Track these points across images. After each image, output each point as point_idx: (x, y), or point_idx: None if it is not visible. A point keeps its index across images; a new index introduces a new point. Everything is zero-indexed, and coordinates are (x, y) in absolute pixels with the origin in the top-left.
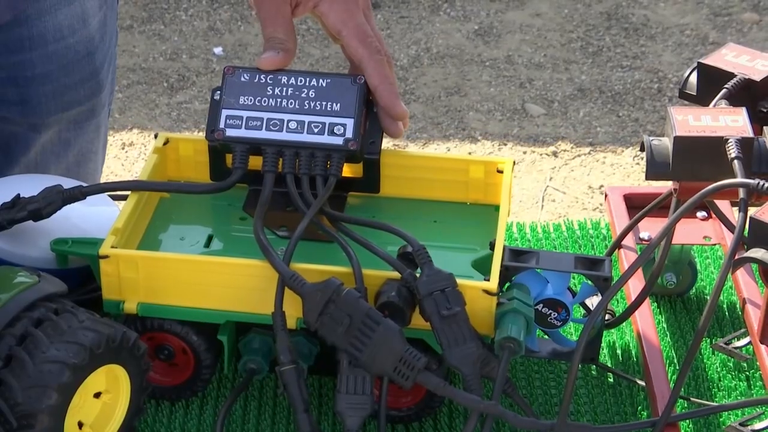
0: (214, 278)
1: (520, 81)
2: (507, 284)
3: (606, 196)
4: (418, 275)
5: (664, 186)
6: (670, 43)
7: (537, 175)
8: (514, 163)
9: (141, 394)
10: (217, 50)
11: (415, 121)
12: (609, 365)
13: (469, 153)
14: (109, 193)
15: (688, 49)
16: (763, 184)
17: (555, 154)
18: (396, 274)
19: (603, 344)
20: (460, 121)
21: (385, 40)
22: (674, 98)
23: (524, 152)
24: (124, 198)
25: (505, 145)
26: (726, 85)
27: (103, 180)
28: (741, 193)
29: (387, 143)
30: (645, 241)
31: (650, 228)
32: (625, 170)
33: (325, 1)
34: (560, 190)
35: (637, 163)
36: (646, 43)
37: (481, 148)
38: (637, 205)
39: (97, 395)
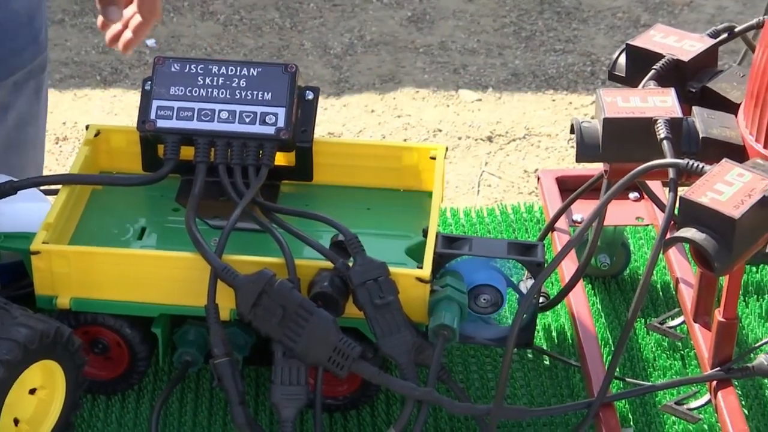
0: (147, 272)
1: (454, 67)
2: (441, 271)
3: (539, 179)
4: (351, 264)
5: (598, 168)
6: (602, 26)
7: (473, 161)
8: (446, 149)
9: (77, 388)
10: (150, 42)
11: (349, 108)
12: (545, 348)
13: (405, 140)
14: (41, 187)
15: (620, 31)
16: (693, 164)
17: (490, 139)
18: (329, 264)
19: (538, 327)
20: (394, 108)
21: (319, 28)
22: (607, 81)
23: (459, 138)
24: (56, 192)
25: (441, 131)
26: (655, 66)
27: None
28: (671, 173)
29: (322, 131)
30: (578, 223)
31: (583, 210)
32: (560, 153)
33: None
34: (496, 175)
35: (572, 146)
36: (578, 26)
37: (416, 134)
38: (569, 187)
39: (33, 391)
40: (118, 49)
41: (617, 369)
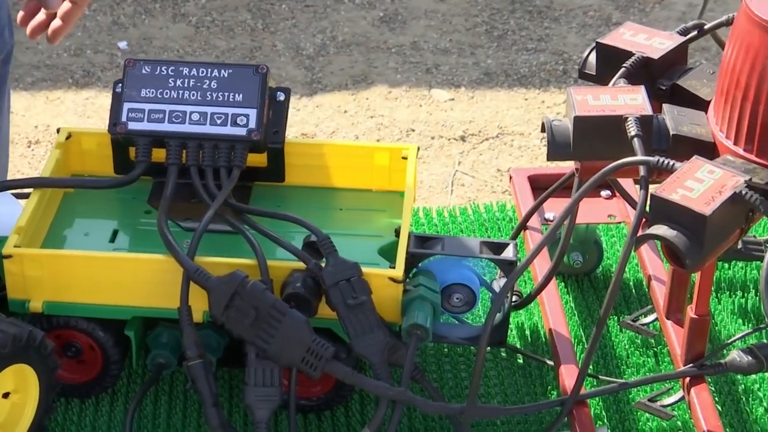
0: (119, 274)
1: (426, 67)
2: (414, 271)
3: (511, 178)
4: (323, 265)
5: (570, 166)
6: (574, 24)
7: (446, 160)
8: (418, 149)
9: (50, 392)
10: (122, 44)
11: (322, 109)
12: (518, 346)
13: (378, 140)
14: (12, 191)
15: (592, 30)
16: (663, 161)
17: (463, 138)
18: (301, 265)
19: (512, 326)
20: (367, 108)
21: (291, 29)
22: (579, 79)
23: (432, 138)
24: (28, 195)
25: (414, 131)
26: (624, 64)
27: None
28: (641, 170)
29: (295, 132)
30: (550, 221)
31: (555, 208)
32: (533, 152)
33: None
34: (469, 174)
35: (545, 145)
36: (550, 25)
37: (389, 134)
38: (541, 186)
39: (6, 395)
40: (40, 40)
41: (591, 366)
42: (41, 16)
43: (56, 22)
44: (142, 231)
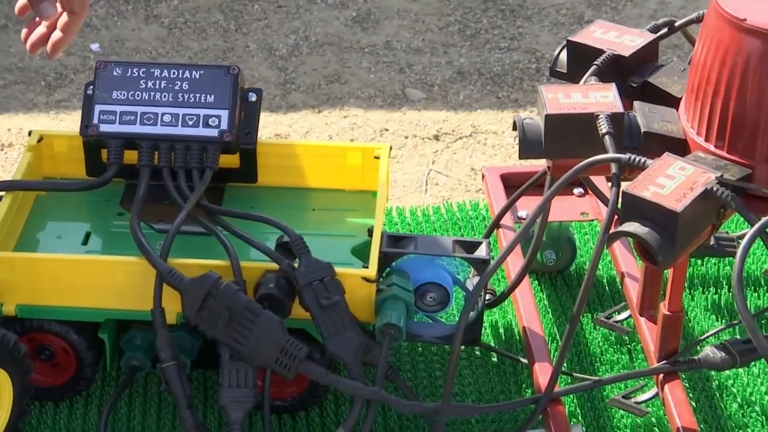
0: (92, 277)
1: (399, 66)
2: (387, 270)
3: (483, 176)
4: (297, 265)
5: (542, 164)
6: (546, 23)
7: (420, 160)
8: (390, 148)
9: (24, 396)
10: (94, 47)
11: (296, 110)
12: (492, 345)
13: (352, 140)
14: None
15: (564, 28)
16: (635, 159)
17: (437, 137)
18: (275, 266)
19: (486, 324)
20: (341, 108)
21: (264, 30)
22: (551, 78)
23: (406, 137)
24: (0, 199)
25: (387, 130)
26: (595, 62)
27: None
28: (613, 168)
29: (269, 133)
30: (523, 219)
31: (528, 207)
32: (506, 151)
33: None
34: (443, 173)
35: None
36: (523, 23)
37: (362, 134)
38: (514, 184)
39: None
40: (44, 54)
41: (565, 364)
42: (41, 29)
43: (56, 35)
44: (114, 233)
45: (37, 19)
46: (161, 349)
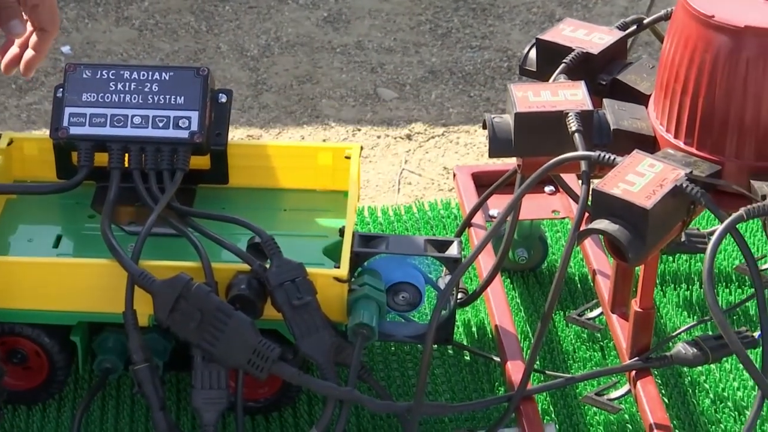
0: (64, 280)
1: (371, 66)
2: (359, 270)
3: (455, 175)
4: (268, 266)
5: (513, 163)
6: (517, 21)
7: (392, 159)
8: (361, 148)
9: None
10: (65, 49)
11: (268, 110)
12: (465, 343)
13: (324, 140)
14: None
15: (535, 26)
16: (604, 156)
17: (409, 137)
18: (246, 267)
19: (458, 323)
20: (313, 108)
21: (235, 30)
22: (521, 76)
23: (378, 137)
24: None
25: (359, 130)
26: (565, 60)
27: None
28: (583, 165)
29: (241, 134)
30: (494, 218)
31: (500, 205)
32: (479, 149)
33: None
34: (416, 172)
35: None
36: (494, 22)
37: (335, 134)
38: (485, 183)
39: None
40: (18, 74)
41: (537, 362)
42: (14, 49)
43: (28, 53)
44: (86, 236)
45: (8, 38)
46: (133, 352)
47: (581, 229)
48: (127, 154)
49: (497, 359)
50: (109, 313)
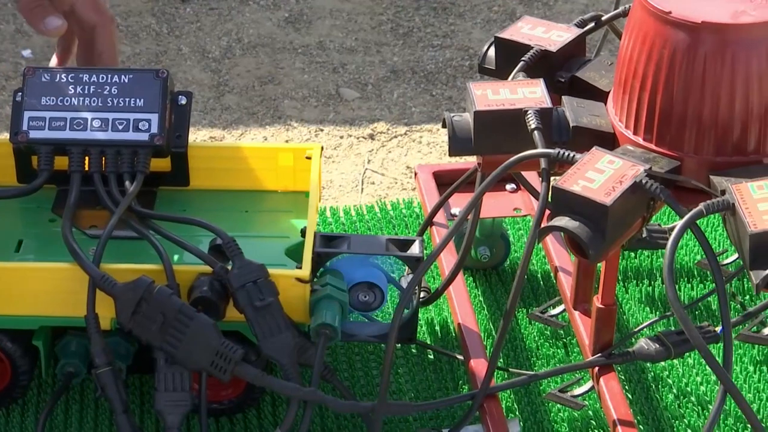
0: (25, 284)
1: (333, 66)
2: (321, 270)
3: (416, 174)
4: (230, 268)
5: (474, 161)
6: (478, 20)
7: (355, 159)
8: (322, 148)
9: None
10: (26, 53)
11: (230, 112)
12: (428, 342)
13: (287, 141)
14: None
15: (496, 25)
16: (564, 153)
17: (372, 136)
18: (208, 269)
19: (421, 321)
20: (275, 109)
21: (196, 32)
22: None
23: (341, 137)
24: None
25: (322, 130)
26: (523, 58)
27: None
28: (542, 163)
29: (203, 136)
30: (456, 216)
31: (461, 204)
32: (442, 148)
33: None
34: (379, 172)
35: None
36: (455, 21)
37: (297, 135)
38: (447, 182)
39: None
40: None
41: (501, 359)
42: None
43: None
44: (47, 240)
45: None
46: (96, 355)
47: (542, 226)
48: (87, 158)
49: (461, 358)
50: (72, 316)
